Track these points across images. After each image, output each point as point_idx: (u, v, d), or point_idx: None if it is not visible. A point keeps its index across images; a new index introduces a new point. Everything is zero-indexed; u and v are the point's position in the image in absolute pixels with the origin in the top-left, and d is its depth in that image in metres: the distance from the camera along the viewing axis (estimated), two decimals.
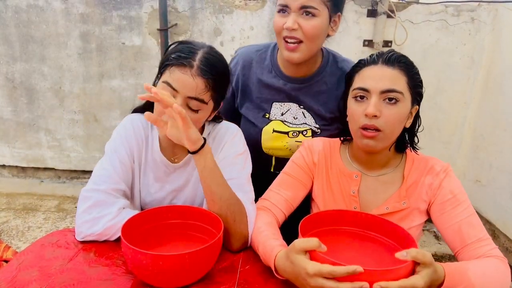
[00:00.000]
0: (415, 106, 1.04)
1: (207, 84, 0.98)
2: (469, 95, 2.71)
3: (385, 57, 1.01)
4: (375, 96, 0.98)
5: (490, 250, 0.94)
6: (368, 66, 1.02)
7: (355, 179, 1.10)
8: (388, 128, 0.98)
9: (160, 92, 0.88)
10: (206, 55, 0.99)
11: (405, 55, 1.03)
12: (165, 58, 1.01)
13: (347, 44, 2.66)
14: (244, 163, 1.12)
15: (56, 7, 2.77)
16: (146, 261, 0.78)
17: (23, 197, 2.97)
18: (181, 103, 0.97)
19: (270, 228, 0.99)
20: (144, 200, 1.16)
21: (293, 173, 1.16)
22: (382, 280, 0.70)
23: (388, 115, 0.97)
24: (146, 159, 1.13)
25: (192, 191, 1.16)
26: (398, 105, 0.98)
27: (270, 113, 1.34)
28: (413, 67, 1.03)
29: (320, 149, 1.17)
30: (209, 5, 2.70)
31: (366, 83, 1.00)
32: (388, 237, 0.94)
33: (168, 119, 0.94)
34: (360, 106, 1.01)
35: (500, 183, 2.43)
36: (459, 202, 1.00)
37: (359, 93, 1.01)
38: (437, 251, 2.52)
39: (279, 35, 1.18)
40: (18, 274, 0.85)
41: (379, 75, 0.99)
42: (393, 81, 0.98)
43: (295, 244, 0.79)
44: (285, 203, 1.10)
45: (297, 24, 1.12)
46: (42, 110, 3.04)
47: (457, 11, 2.58)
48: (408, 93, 1.00)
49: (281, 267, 0.83)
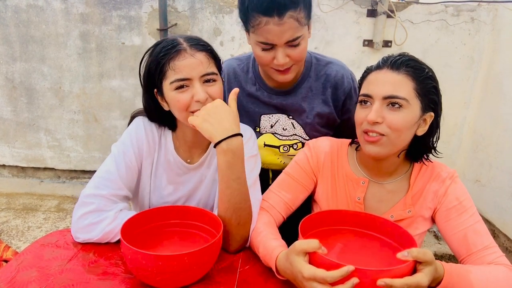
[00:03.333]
0: (429, 113, 0.97)
1: (207, 57, 0.98)
2: (469, 95, 2.71)
3: (391, 61, 0.96)
4: (378, 102, 0.94)
5: (496, 258, 0.92)
6: (375, 71, 0.98)
7: (361, 186, 1.07)
8: (393, 134, 0.94)
9: None
10: (185, 36, 1.00)
11: (416, 59, 0.97)
12: (154, 63, 0.98)
13: (347, 44, 2.66)
14: (254, 165, 1.11)
15: (56, 7, 2.77)
16: (145, 261, 0.78)
17: (23, 197, 2.97)
18: (200, 85, 0.96)
19: (269, 228, 0.99)
20: (155, 204, 1.13)
21: (295, 174, 1.13)
22: (369, 279, 0.70)
23: (391, 120, 0.93)
24: (159, 161, 1.10)
25: (206, 192, 1.14)
26: (402, 111, 0.93)
27: (260, 126, 1.31)
28: (423, 71, 0.95)
29: (326, 150, 1.13)
30: (209, 5, 2.70)
31: (369, 88, 0.97)
32: (389, 237, 0.94)
33: (200, 113, 0.95)
34: (363, 111, 0.98)
35: (500, 183, 2.43)
36: (465, 209, 0.98)
37: (363, 99, 0.98)
38: (437, 251, 2.52)
39: (266, 66, 1.13)
40: (17, 275, 0.85)
41: (382, 80, 0.95)
42: (396, 87, 0.93)
43: (295, 245, 0.79)
44: (284, 205, 1.09)
45: (287, 57, 1.08)
46: (42, 110, 3.04)
47: (457, 11, 2.58)
48: (415, 99, 0.94)
49: (282, 267, 0.83)
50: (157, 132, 1.10)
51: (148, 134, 1.08)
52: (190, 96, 0.96)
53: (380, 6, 2.54)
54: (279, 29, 1.01)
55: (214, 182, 1.13)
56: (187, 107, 0.97)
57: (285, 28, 1.01)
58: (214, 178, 1.13)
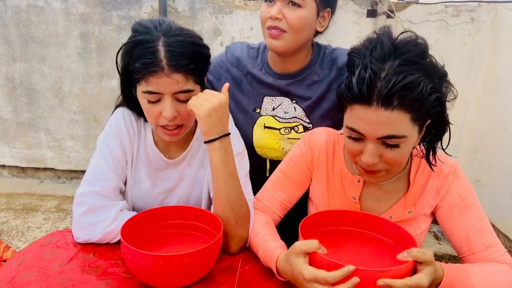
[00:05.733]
0: (427, 122, 0.87)
1: (186, 76, 0.93)
2: (469, 95, 2.71)
3: (380, 96, 0.77)
4: (372, 143, 0.82)
5: (499, 256, 0.90)
6: (362, 105, 0.80)
7: (356, 184, 1.01)
8: (394, 167, 0.89)
9: None
10: (169, 46, 0.90)
11: (407, 77, 0.77)
12: (131, 68, 0.93)
13: (347, 44, 2.65)
14: (242, 163, 1.10)
15: (56, 7, 2.76)
16: (145, 261, 0.78)
17: (23, 197, 2.97)
18: (171, 102, 0.94)
19: (267, 229, 0.98)
20: (135, 197, 1.12)
21: (289, 172, 1.08)
22: (372, 280, 0.70)
23: (390, 158, 0.84)
24: (138, 153, 1.10)
25: (186, 191, 1.13)
26: (401, 146, 0.83)
27: (261, 108, 1.31)
28: (420, 94, 0.77)
29: (322, 144, 1.06)
30: (209, 5, 2.70)
31: (359, 126, 0.82)
32: (389, 237, 0.94)
33: (206, 105, 0.94)
34: (355, 146, 0.87)
35: (500, 183, 2.43)
36: (468, 206, 0.94)
37: (354, 135, 0.85)
38: (437, 251, 2.52)
39: (264, 25, 1.16)
40: (17, 275, 0.85)
41: (375, 121, 0.79)
42: (391, 127, 0.79)
43: (295, 246, 0.78)
44: (280, 205, 1.07)
45: (282, 14, 1.10)
46: (42, 110, 3.03)
47: (457, 11, 2.58)
48: (413, 128, 0.82)
49: (282, 269, 0.83)
50: (137, 124, 1.09)
51: (128, 126, 1.07)
52: (159, 110, 0.95)
53: (380, 6, 2.54)
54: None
55: (196, 181, 1.13)
56: (156, 118, 0.97)
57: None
58: (196, 176, 1.12)
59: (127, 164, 1.08)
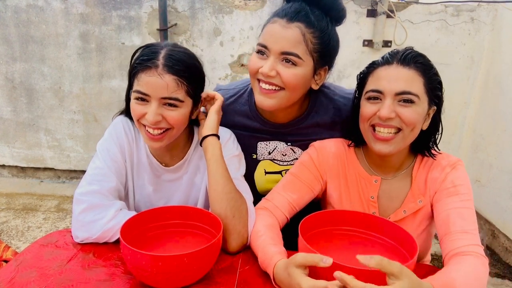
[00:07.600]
0: (433, 107, 0.99)
1: (178, 81, 0.95)
2: (469, 95, 2.71)
3: (400, 56, 0.95)
4: (389, 98, 0.93)
5: (470, 245, 0.87)
6: (382, 66, 0.97)
7: (374, 184, 1.06)
8: (407, 129, 0.94)
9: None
10: (169, 52, 0.96)
11: (422, 54, 0.97)
12: (130, 68, 0.99)
13: (347, 44, 2.66)
14: (239, 165, 1.11)
15: (56, 7, 2.76)
16: (145, 261, 0.78)
17: (22, 197, 2.97)
18: (156, 106, 0.95)
19: (269, 232, 0.96)
20: (138, 202, 1.15)
21: (301, 175, 1.09)
22: (374, 281, 0.68)
23: (405, 116, 0.93)
24: (139, 160, 1.12)
25: (184, 196, 1.15)
26: (414, 106, 0.93)
27: (257, 153, 1.25)
28: (431, 68, 0.96)
29: (332, 150, 1.11)
30: (209, 5, 2.70)
31: (379, 84, 0.95)
32: (389, 238, 0.94)
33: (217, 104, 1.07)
34: (372, 107, 0.96)
35: (500, 183, 2.43)
36: (457, 193, 0.96)
37: (373, 95, 0.96)
38: (437, 251, 2.51)
39: (253, 77, 1.06)
40: (17, 275, 0.85)
41: (393, 76, 0.93)
42: (408, 83, 0.92)
43: (296, 258, 0.76)
44: (289, 205, 1.06)
45: (275, 71, 1.00)
46: (41, 110, 3.04)
47: (457, 11, 2.58)
48: (424, 95, 0.95)
49: (279, 277, 0.82)
50: (135, 132, 1.11)
51: (127, 133, 1.10)
52: (144, 111, 0.97)
53: (380, 6, 2.54)
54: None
55: (193, 186, 1.15)
56: (139, 118, 0.99)
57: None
58: (192, 181, 1.15)
59: (126, 170, 1.10)
